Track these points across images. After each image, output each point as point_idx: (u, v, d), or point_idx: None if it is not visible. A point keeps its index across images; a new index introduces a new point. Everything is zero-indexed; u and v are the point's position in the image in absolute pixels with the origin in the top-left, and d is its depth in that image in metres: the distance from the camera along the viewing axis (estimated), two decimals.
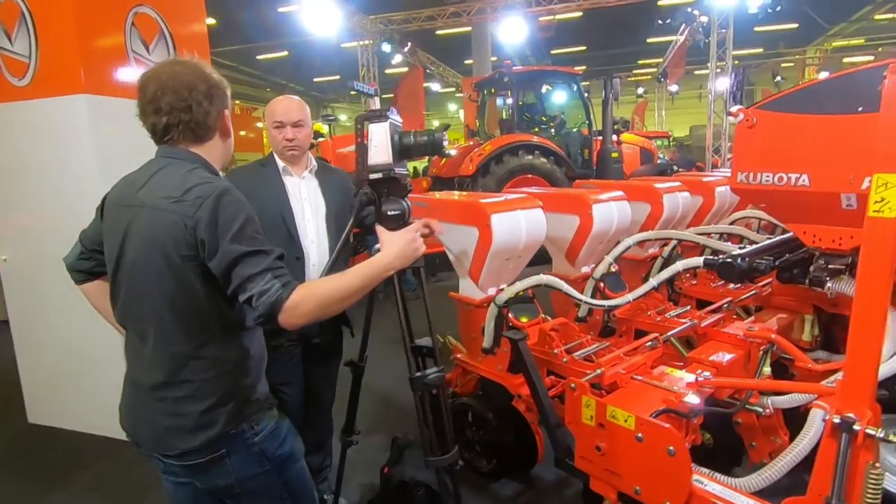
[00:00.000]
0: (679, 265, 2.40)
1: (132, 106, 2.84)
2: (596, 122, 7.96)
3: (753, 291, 2.74)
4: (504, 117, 8.21)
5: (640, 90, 19.57)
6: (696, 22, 9.31)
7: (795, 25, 18.21)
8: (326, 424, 2.23)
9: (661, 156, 9.80)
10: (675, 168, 8.72)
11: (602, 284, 2.68)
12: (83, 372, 2.98)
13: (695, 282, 3.20)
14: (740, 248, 2.50)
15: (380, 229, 1.32)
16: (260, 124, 12.98)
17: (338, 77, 21.57)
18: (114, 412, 2.87)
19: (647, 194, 3.13)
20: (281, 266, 1.12)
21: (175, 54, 3.11)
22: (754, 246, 2.41)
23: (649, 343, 2.02)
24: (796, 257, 2.37)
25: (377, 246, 1.37)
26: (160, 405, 1.19)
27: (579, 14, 14.49)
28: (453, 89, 20.44)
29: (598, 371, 1.79)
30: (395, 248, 1.27)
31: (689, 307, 2.65)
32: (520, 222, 2.20)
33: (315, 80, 21.30)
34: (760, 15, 8.76)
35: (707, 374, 1.86)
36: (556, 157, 7.28)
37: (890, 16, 18.31)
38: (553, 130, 8.22)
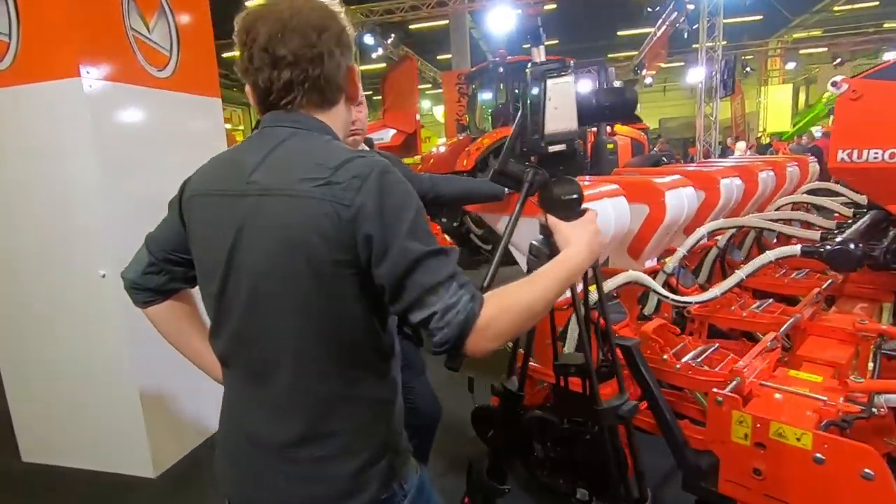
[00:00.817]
0: (771, 254, 2.19)
1: (134, 92, 2.50)
2: None
3: (830, 280, 2.57)
4: (495, 109, 7.97)
5: (617, 83, 19.60)
6: (685, 9, 9.27)
7: (760, 17, 18.60)
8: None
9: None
10: (665, 159, 8.66)
11: (676, 279, 2.47)
12: (83, 399, 2.59)
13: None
14: (826, 233, 2.33)
15: (553, 221, 1.04)
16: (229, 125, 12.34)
17: None
18: (120, 444, 2.58)
19: (703, 180, 2.92)
20: (461, 270, 0.82)
21: (178, 34, 2.74)
22: (849, 230, 2.23)
23: (769, 343, 1.80)
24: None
25: (533, 241, 1.09)
26: (294, 469, 0.87)
27: (553, 6, 14.41)
28: (429, 86, 20.11)
29: (737, 380, 1.55)
30: (584, 242, 0.99)
31: (770, 300, 2.45)
32: (608, 212, 1.95)
33: None
34: (748, 0, 8.80)
35: (858, 377, 1.64)
36: None
37: (847, 7, 18.94)
38: None
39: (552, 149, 1.06)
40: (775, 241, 3.77)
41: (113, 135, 2.40)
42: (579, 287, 1.30)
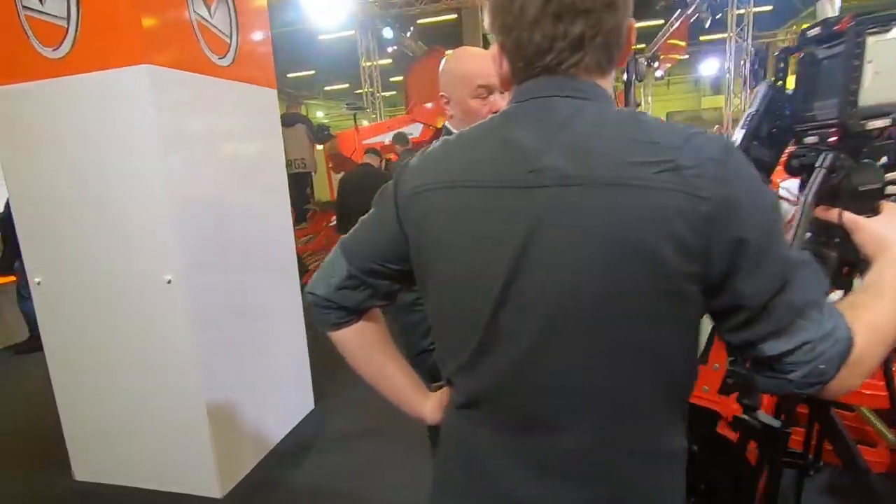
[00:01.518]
0: None
1: (197, 82, 2.31)
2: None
3: None
4: None
5: (625, 76, 19.37)
6: None
7: (770, 8, 18.39)
8: None
9: None
10: None
11: None
12: (142, 413, 2.41)
13: None
14: None
15: (852, 218, 0.84)
16: None
17: (313, 72, 20.63)
18: (184, 461, 2.39)
19: None
20: None
21: (237, 18, 2.55)
22: None
23: None
24: None
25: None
26: None
27: None
28: None
29: None
30: None
31: None
32: None
33: (289, 75, 20.31)
34: None
35: None
36: None
37: None
38: None
39: (872, 124, 0.86)
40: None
41: (177, 128, 2.22)
42: None
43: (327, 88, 23.60)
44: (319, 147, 7.25)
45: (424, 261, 0.73)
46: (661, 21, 16.00)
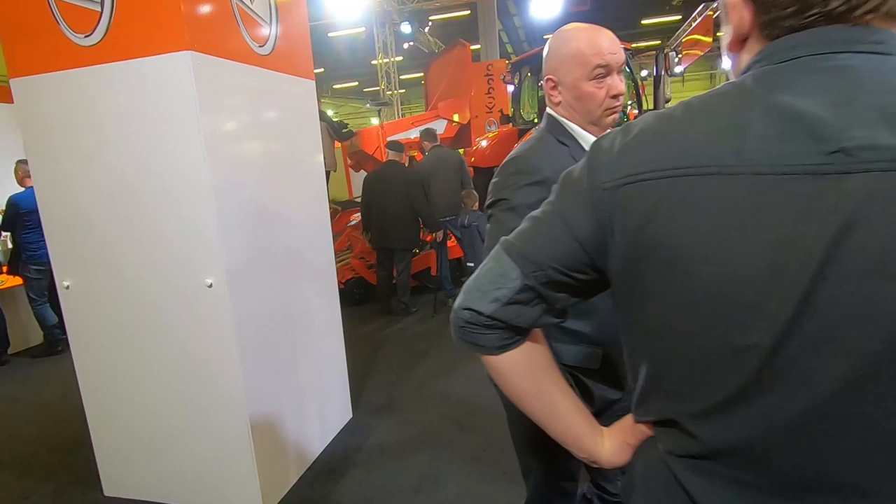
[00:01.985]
0: None
1: (239, 72, 2.12)
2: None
3: None
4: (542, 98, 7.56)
5: (644, 72, 19.14)
6: None
7: None
8: None
9: None
10: None
11: None
12: (178, 426, 2.26)
13: None
14: None
15: None
16: None
17: (322, 70, 20.52)
18: (225, 477, 2.21)
19: None
20: None
21: (276, 4, 2.38)
22: None
23: None
24: None
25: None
26: None
27: None
28: None
29: None
30: None
31: None
32: None
33: None
34: None
35: None
36: None
37: None
38: None
39: None
40: None
41: (219, 121, 2.05)
42: None
43: (336, 87, 23.48)
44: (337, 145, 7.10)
45: (645, 271, 0.55)
46: (675, 17, 15.75)
